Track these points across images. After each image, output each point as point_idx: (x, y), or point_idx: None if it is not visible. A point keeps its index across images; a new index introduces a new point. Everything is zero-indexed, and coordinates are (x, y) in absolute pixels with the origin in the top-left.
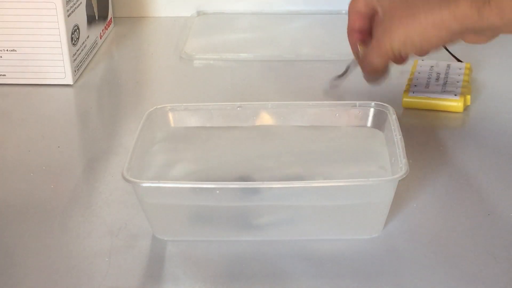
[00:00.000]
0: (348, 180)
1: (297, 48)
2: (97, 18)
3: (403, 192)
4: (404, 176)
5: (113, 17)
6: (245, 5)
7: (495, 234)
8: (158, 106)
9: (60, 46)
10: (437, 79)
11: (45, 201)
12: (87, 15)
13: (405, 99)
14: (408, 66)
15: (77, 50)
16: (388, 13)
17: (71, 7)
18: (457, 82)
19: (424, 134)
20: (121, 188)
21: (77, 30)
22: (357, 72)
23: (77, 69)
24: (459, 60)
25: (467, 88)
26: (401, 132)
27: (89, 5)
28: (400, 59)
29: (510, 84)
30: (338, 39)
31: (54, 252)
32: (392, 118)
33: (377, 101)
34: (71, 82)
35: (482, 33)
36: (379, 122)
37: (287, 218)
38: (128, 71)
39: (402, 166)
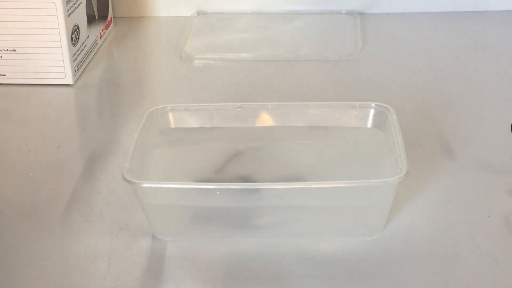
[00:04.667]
0: (348, 181)
1: (297, 48)
2: (97, 18)
3: (403, 193)
4: (404, 177)
5: (113, 17)
6: (245, 5)
7: (496, 236)
8: (158, 106)
9: (60, 46)
10: None
11: (45, 201)
12: (87, 15)
13: None
14: None
15: (77, 50)
16: None
17: (71, 7)
18: None
19: (425, 134)
20: (121, 188)
21: (77, 30)
22: (357, 72)
23: (77, 69)
24: None
25: None
26: (401, 133)
27: (89, 5)
28: None
29: None
30: (338, 39)
31: (54, 252)
32: (393, 119)
33: (377, 102)
34: (71, 82)
35: None
36: (379, 122)
37: (287, 219)
38: (128, 71)
39: (402, 167)
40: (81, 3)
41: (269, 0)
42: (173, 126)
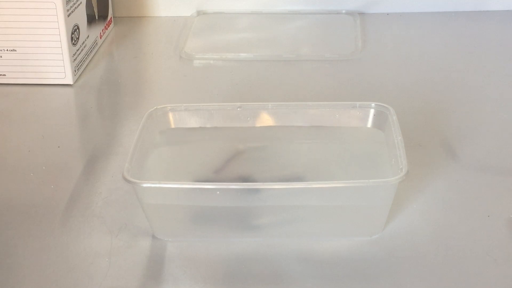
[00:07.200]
0: (348, 181)
1: (297, 48)
2: (97, 18)
3: (403, 193)
4: (404, 177)
5: (113, 17)
6: (245, 5)
7: (495, 236)
8: (158, 106)
9: (60, 46)
10: None
11: (45, 201)
12: (87, 15)
13: None
14: None
15: (77, 50)
16: None
17: (71, 7)
18: None
19: (425, 134)
20: (121, 188)
21: (77, 30)
22: (357, 72)
23: (77, 69)
24: None
25: None
26: (401, 133)
27: (89, 5)
28: None
29: None
30: (338, 39)
31: (54, 252)
32: (393, 119)
33: (377, 102)
34: (71, 82)
35: None
36: (379, 122)
37: (287, 219)
38: (128, 71)
39: (402, 167)
40: (81, 3)
41: (269, 0)
42: (173, 126)
